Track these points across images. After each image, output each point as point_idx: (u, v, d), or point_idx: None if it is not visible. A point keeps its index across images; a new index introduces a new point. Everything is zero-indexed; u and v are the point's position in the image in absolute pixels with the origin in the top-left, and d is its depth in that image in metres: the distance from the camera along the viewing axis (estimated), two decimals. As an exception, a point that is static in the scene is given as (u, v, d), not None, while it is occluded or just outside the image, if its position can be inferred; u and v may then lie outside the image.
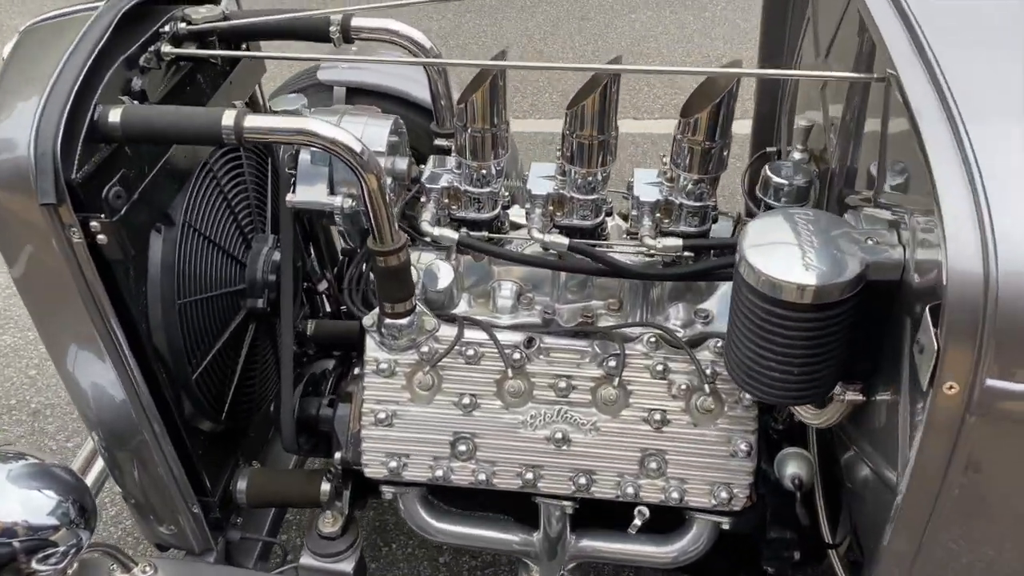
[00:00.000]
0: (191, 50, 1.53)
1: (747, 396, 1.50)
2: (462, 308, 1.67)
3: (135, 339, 1.49)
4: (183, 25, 1.55)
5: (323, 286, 2.16)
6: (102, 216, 1.33)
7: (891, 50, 1.13)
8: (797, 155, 1.69)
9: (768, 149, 2.08)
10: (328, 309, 2.22)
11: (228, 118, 1.33)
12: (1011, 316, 0.88)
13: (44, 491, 1.48)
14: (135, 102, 1.42)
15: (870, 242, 1.19)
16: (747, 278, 1.21)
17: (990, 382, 0.87)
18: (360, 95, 2.57)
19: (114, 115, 1.35)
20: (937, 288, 0.96)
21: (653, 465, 1.54)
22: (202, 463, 1.72)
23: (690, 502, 1.55)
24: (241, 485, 1.82)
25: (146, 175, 1.45)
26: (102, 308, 1.41)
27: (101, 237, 1.35)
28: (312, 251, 2.18)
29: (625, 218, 1.78)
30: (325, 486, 1.76)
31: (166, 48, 1.49)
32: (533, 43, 5.06)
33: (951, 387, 0.90)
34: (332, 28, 1.64)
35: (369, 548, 2.30)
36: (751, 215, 2.19)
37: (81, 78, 1.34)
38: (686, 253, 1.52)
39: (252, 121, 1.34)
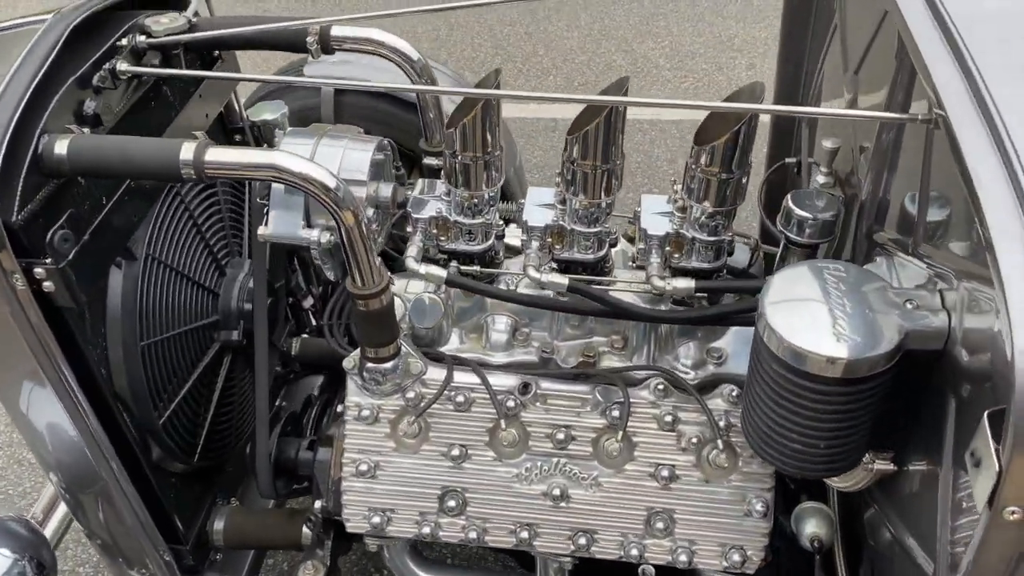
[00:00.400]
0: (151, 68, 1.38)
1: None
2: (453, 343, 1.53)
3: (92, 386, 1.36)
4: (142, 38, 1.39)
5: (308, 302, 2.03)
6: (47, 262, 1.20)
7: (940, 89, 0.97)
8: (821, 178, 1.53)
9: (787, 160, 1.93)
10: (314, 324, 2.10)
11: (187, 151, 1.18)
12: None
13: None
14: (85, 130, 1.27)
15: (909, 305, 1.04)
16: (768, 343, 1.07)
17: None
18: (350, 93, 2.42)
19: (60, 147, 1.21)
20: (996, 383, 0.82)
21: (660, 525, 1.41)
22: (173, 506, 1.60)
23: (700, 564, 1.43)
24: (218, 525, 1.70)
25: (102, 207, 1.30)
26: (53, 357, 1.27)
27: (47, 284, 1.21)
28: (297, 265, 2.05)
29: (632, 240, 1.64)
30: (307, 529, 1.64)
31: (123, 66, 1.34)
32: (537, 22, 4.86)
33: (1014, 512, 0.76)
34: (310, 39, 1.49)
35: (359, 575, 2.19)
36: (768, 237, 2.04)
37: (24, 103, 1.19)
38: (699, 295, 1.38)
39: (214, 155, 1.19)
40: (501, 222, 1.51)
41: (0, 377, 1.37)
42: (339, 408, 1.57)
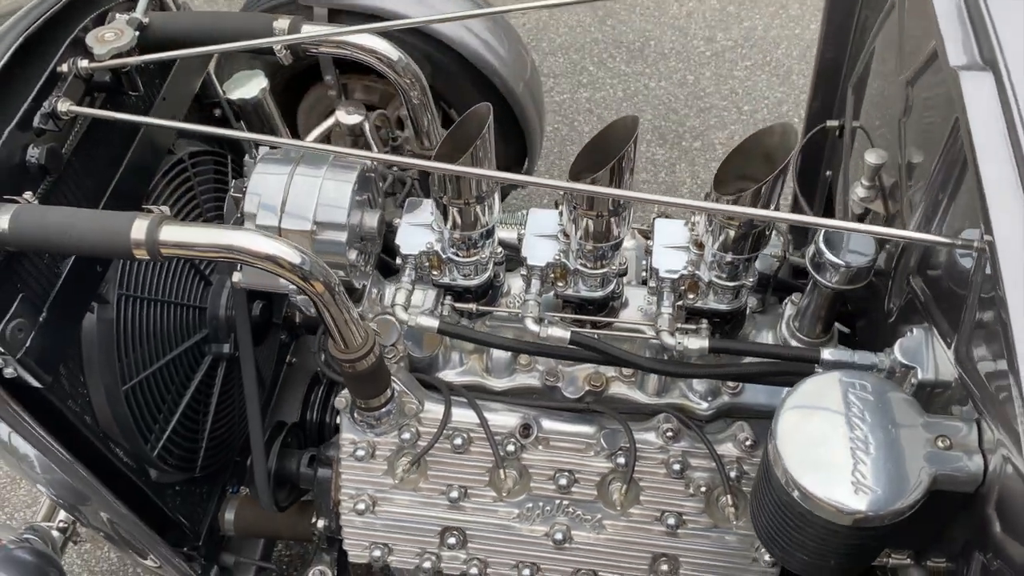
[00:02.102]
0: (96, 110, 1.21)
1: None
2: (453, 364, 1.45)
3: (77, 434, 1.31)
4: (84, 63, 1.22)
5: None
6: (2, 351, 1.11)
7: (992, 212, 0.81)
8: (862, 191, 1.36)
9: (829, 123, 1.72)
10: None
11: (139, 229, 1.06)
12: None
13: (10, 581, 1.40)
14: (30, 196, 1.13)
15: (941, 444, 0.93)
16: (779, 476, 0.97)
17: None
18: (344, 16, 2.18)
19: (1, 220, 1.09)
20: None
21: (664, 567, 1.38)
22: (180, 510, 1.60)
23: (704, 605, 1.41)
24: (229, 516, 1.72)
25: (57, 276, 1.20)
26: (25, 421, 1.21)
27: (8, 371, 1.13)
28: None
29: (647, 236, 1.51)
30: (315, 520, 1.65)
31: (63, 106, 1.18)
32: None
33: None
34: (277, 47, 1.30)
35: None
36: (799, 232, 1.86)
37: None
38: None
39: (169, 234, 1.07)
40: (500, 250, 1.37)
41: None
42: (338, 420, 1.52)
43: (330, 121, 2.06)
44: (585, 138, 3.19)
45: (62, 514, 1.81)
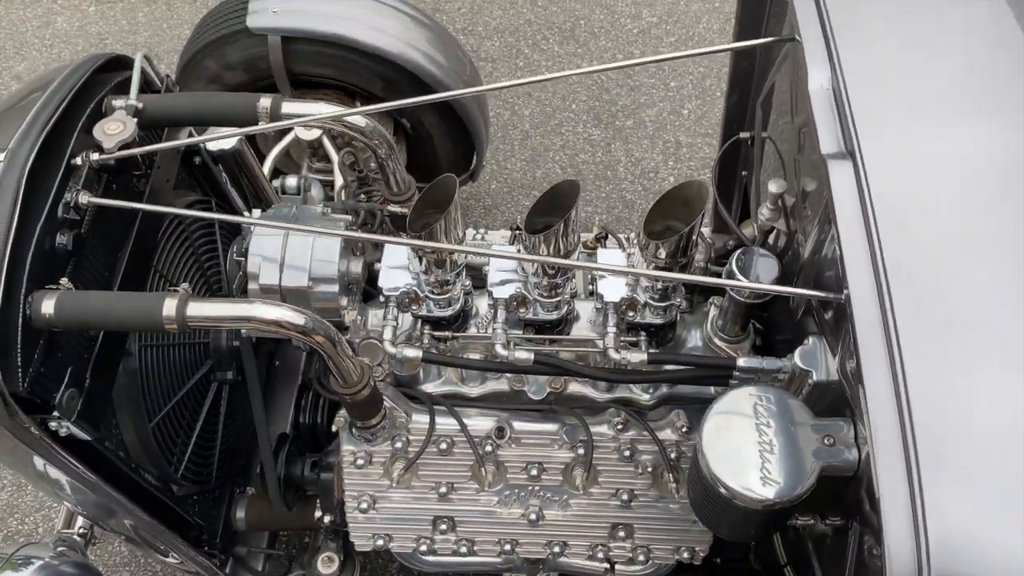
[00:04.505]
0: (115, 201, 1.39)
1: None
2: (432, 377, 1.69)
3: (114, 469, 1.52)
4: (96, 156, 1.39)
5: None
6: (57, 415, 1.31)
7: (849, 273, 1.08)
8: (766, 212, 1.62)
9: (742, 135, 1.97)
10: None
11: (169, 308, 1.26)
12: None
13: (57, 593, 1.61)
14: (64, 281, 1.32)
15: (827, 441, 1.21)
16: (705, 473, 1.24)
17: None
18: (299, 42, 2.33)
19: (47, 306, 1.28)
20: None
21: (622, 534, 1.67)
22: (198, 515, 1.83)
23: (656, 561, 1.70)
24: (240, 514, 1.95)
25: (94, 345, 1.39)
26: (74, 466, 1.42)
27: (63, 431, 1.34)
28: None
29: (600, 238, 1.76)
30: (319, 513, 1.89)
31: (84, 199, 1.36)
32: None
33: None
34: (261, 121, 1.48)
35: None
36: (721, 225, 2.12)
37: (5, 270, 1.24)
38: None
39: (195, 309, 1.27)
40: (468, 282, 1.60)
41: (10, 462, 1.51)
42: (334, 428, 1.75)
43: (290, 137, 2.23)
44: (526, 123, 3.42)
45: (80, 520, 2.02)
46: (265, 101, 1.49)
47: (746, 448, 1.22)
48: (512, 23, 3.71)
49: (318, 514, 1.88)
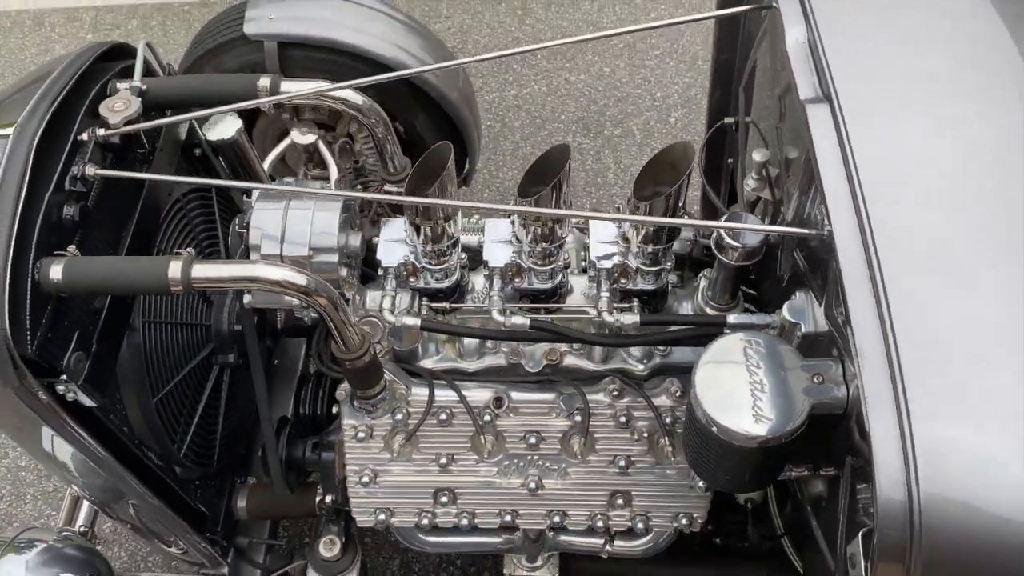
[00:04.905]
0: (120, 172, 1.44)
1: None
2: (431, 353, 1.72)
3: (118, 443, 1.54)
4: (102, 131, 1.44)
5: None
6: (65, 378, 1.34)
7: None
8: (752, 183, 1.67)
9: (726, 120, 2.03)
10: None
11: (175, 269, 1.30)
12: (933, 544, 0.98)
13: (62, 575, 1.62)
14: (72, 248, 1.35)
15: (816, 380, 1.25)
16: (699, 415, 1.27)
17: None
18: (294, 48, 2.40)
19: (55, 272, 1.31)
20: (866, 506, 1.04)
21: (620, 502, 1.69)
22: (200, 501, 1.84)
23: (655, 527, 1.72)
24: (241, 503, 1.97)
25: (100, 313, 1.43)
26: (80, 435, 1.44)
27: (70, 395, 1.36)
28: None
29: (584, 231, 1.80)
30: (323, 497, 1.90)
31: (90, 170, 1.41)
32: None
33: (879, 603, 1.01)
34: (261, 93, 1.54)
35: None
36: (709, 212, 2.18)
37: (14, 237, 1.28)
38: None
39: (200, 271, 1.31)
40: (464, 255, 1.64)
41: (20, 438, 1.54)
42: (335, 409, 1.77)
43: (286, 142, 2.28)
44: (516, 134, 3.49)
45: (80, 519, 2.03)
46: (264, 80, 1.54)
47: (738, 389, 1.26)
48: (501, 41, 3.81)
49: (319, 498, 1.90)
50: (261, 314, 1.95)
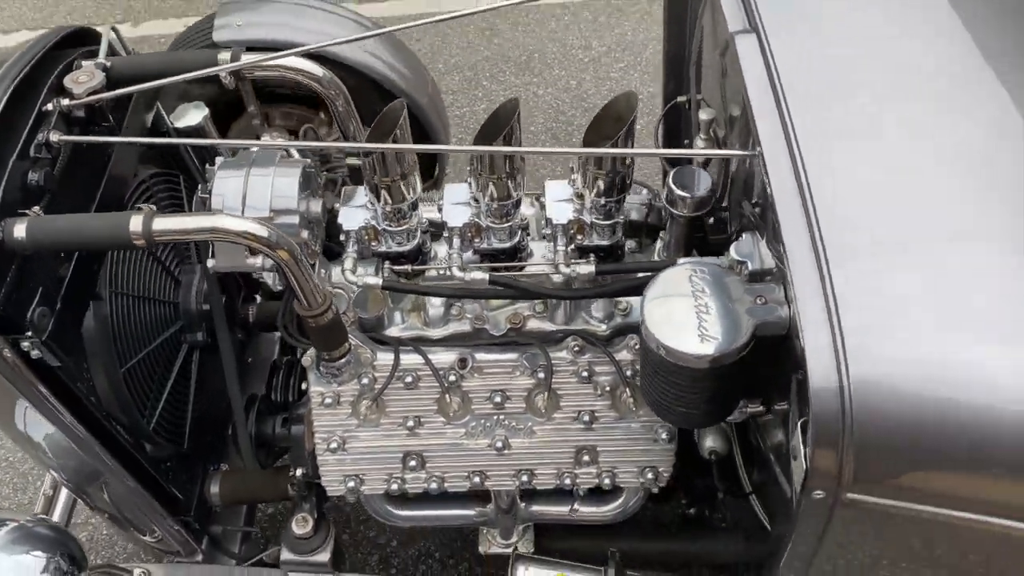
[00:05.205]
0: (81, 136, 1.49)
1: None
2: (396, 323, 1.75)
3: (84, 411, 1.56)
4: (66, 102, 1.49)
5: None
6: (30, 335, 1.37)
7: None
8: (701, 143, 1.73)
9: (679, 99, 2.11)
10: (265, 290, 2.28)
11: (136, 224, 1.34)
12: (864, 430, 1.01)
13: (32, 553, 1.62)
14: (36, 209, 1.39)
15: (759, 300, 1.29)
16: (650, 344, 1.31)
17: (851, 495, 1.02)
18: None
19: (19, 230, 1.34)
20: (803, 394, 1.07)
21: (586, 458, 1.71)
22: (173, 483, 1.85)
23: (621, 483, 1.74)
24: (214, 489, 1.97)
25: (66, 274, 1.46)
26: (46, 399, 1.46)
27: (34, 353, 1.39)
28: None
29: (543, 205, 1.84)
30: (294, 472, 1.90)
31: (55, 136, 1.45)
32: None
33: (819, 493, 1.04)
34: (223, 73, 1.59)
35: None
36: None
37: None
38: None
39: (160, 224, 1.35)
40: (425, 220, 1.69)
41: None
42: (304, 386, 1.80)
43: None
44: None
45: (56, 515, 2.03)
46: (225, 54, 1.60)
47: (684, 313, 1.30)
48: (470, 59, 3.92)
49: (291, 472, 1.90)
50: (233, 304, 1.99)
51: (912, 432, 1.00)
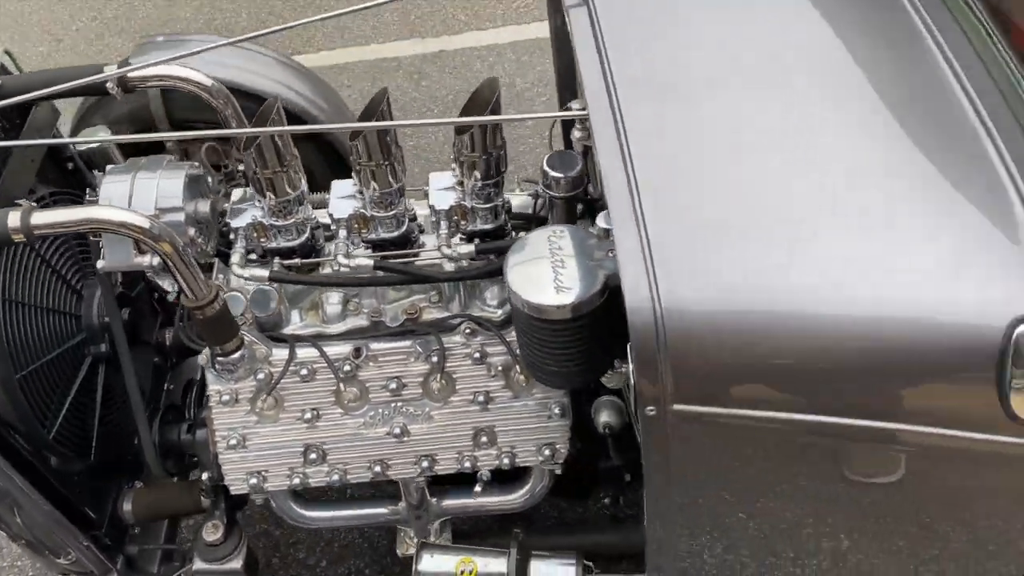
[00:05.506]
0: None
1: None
2: (294, 322, 1.79)
3: None
4: (-46, 117, 1.55)
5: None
6: None
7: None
8: (577, 133, 1.82)
9: (571, 104, 2.20)
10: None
11: (14, 219, 1.38)
12: (677, 349, 1.07)
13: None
14: None
15: (610, 255, 1.36)
16: (515, 303, 1.37)
17: (676, 407, 1.08)
18: (175, 91, 2.54)
19: None
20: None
21: (485, 439, 1.75)
22: (82, 499, 1.85)
23: (521, 463, 1.77)
24: (127, 506, 1.96)
25: None
26: None
27: None
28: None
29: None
30: (201, 475, 1.90)
31: (-60, 144, 1.51)
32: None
33: (650, 410, 1.09)
34: (109, 84, 1.66)
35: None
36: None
37: None
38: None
39: (39, 218, 1.39)
40: (314, 216, 1.75)
41: None
42: (200, 362, 1.81)
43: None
44: (418, 180, 3.65)
45: None
46: (112, 66, 1.67)
47: (542, 269, 1.36)
48: (400, 101, 4.03)
49: (199, 477, 1.90)
50: (139, 320, 2.01)
51: (721, 341, 1.07)
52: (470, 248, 1.64)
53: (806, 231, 1.12)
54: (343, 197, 1.72)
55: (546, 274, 1.35)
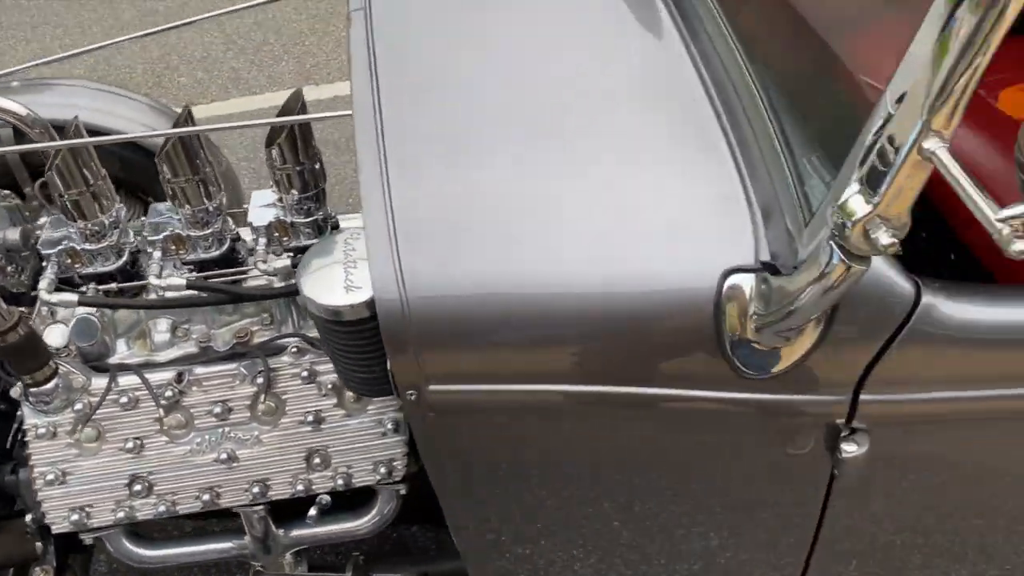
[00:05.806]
0: None
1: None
2: (121, 351, 1.73)
3: None
4: None
5: None
6: None
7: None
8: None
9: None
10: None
11: None
12: (423, 333, 1.07)
13: None
14: None
15: (406, 252, 1.35)
16: (311, 308, 1.35)
17: (433, 387, 1.06)
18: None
19: None
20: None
21: (318, 461, 1.70)
22: None
23: (358, 483, 1.73)
24: (-43, 560, 1.86)
25: None
26: None
27: None
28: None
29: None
30: (26, 517, 1.81)
31: None
32: (266, 10, 4.95)
33: (411, 394, 1.08)
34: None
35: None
36: None
37: None
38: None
39: None
40: (131, 238, 1.71)
41: None
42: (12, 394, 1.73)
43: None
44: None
45: None
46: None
47: (334, 272, 1.34)
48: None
49: (38, 543, 1.83)
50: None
51: (464, 318, 1.06)
52: (286, 263, 1.62)
53: (543, 212, 1.14)
54: (159, 220, 1.69)
55: (338, 276, 1.33)
